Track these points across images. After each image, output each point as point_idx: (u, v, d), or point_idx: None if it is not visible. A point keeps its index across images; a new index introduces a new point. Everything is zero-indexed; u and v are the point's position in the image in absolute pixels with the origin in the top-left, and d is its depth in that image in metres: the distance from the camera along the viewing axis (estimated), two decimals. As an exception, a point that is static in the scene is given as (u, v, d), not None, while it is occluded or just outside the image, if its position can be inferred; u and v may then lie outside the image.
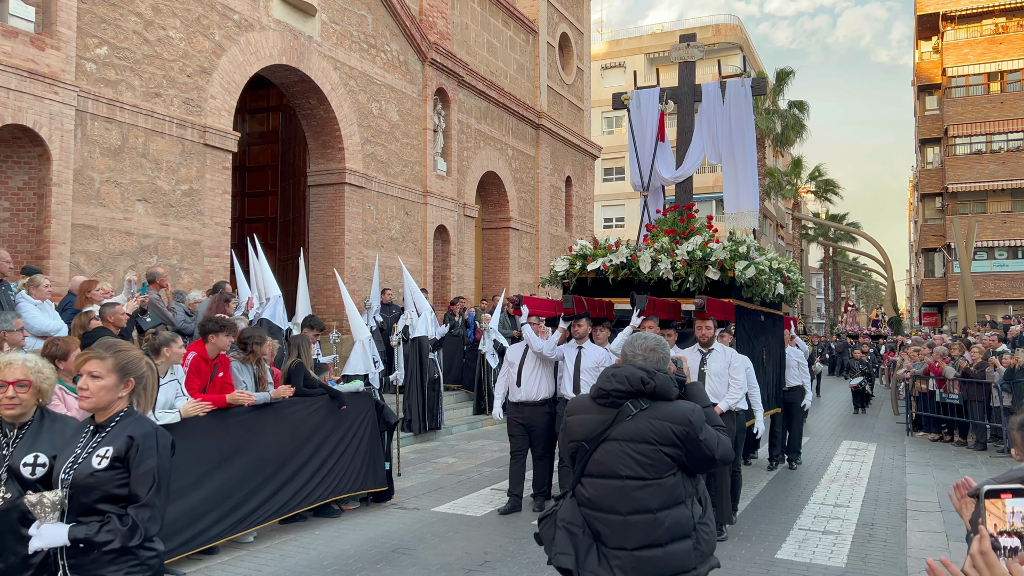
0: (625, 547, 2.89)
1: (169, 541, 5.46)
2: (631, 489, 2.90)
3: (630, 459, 2.91)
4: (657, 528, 2.87)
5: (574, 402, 3.23)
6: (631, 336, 3.24)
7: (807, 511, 7.75)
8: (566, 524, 3.00)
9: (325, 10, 14.69)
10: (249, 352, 6.62)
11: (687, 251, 8.17)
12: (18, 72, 9.38)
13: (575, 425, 3.08)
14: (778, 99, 36.37)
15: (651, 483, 2.89)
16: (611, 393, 3.01)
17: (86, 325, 6.64)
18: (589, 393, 3.15)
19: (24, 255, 9.68)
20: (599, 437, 2.98)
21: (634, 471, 2.90)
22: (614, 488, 2.92)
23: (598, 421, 3.01)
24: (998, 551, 1.51)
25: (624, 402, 2.99)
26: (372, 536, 6.63)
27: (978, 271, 33.59)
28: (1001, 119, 36.42)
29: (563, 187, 25.02)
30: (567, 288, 8.95)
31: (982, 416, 11.87)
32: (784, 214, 55.11)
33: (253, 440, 6.27)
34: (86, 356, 2.78)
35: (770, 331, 9.73)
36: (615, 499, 2.91)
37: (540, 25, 23.23)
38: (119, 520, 2.60)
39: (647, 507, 2.88)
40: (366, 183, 15.79)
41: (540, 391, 7.51)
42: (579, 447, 3.02)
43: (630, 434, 2.93)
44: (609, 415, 2.99)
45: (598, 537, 2.95)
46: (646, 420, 2.93)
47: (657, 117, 10.58)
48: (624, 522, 2.90)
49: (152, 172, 11.38)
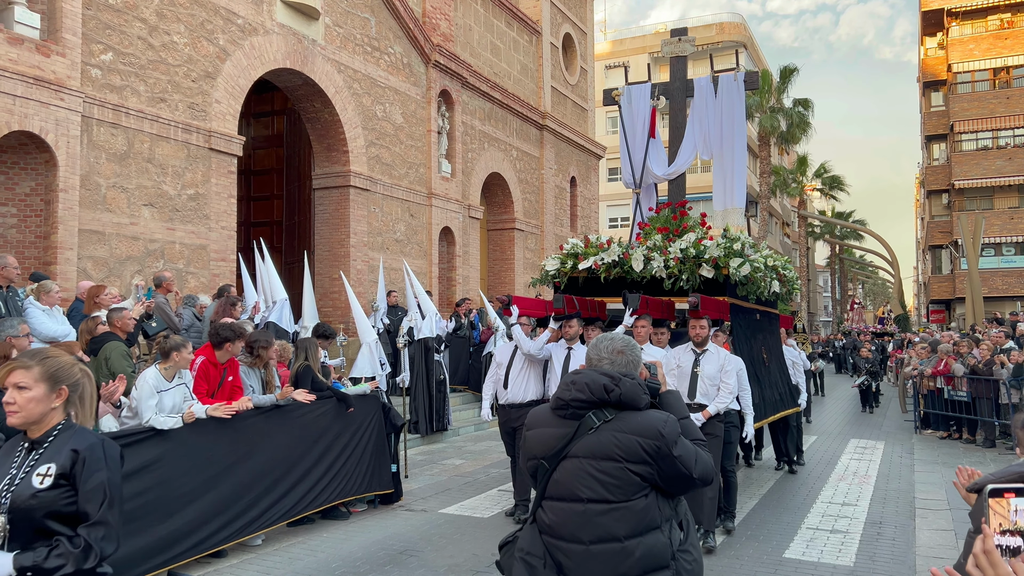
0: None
1: (177, 544, 5.50)
2: (594, 514, 2.49)
3: (592, 479, 2.50)
4: (626, 559, 2.46)
5: (533, 414, 2.80)
6: (596, 337, 2.86)
7: (815, 510, 7.74)
8: (524, 555, 2.61)
9: (328, 13, 14.73)
10: (256, 356, 6.65)
11: (680, 249, 7.97)
12: (24, 79, 9.43)
13: (533, 441, 2.68)
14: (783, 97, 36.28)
15: (617, 507, 2.48)
16: (570, 403, 2.61)
17: (93, 330, 6.67)
18: (549, 403, 2.76)
19: (31, 261, 9.73)
20: (559, 454, 2.58)
21: (597, 493, 2.49)
22: (575, 513, 2.51)
23: (557, 436, 2.60)
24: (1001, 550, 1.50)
25: (586, 413, 2.58)
26: (380, 538, 6.65)
27: (986, 267, 33.44)
28: (1007, 115, 36.26)
29: (568, 187, 25.01)
30: (558, 288, 8.71)
31: (991, 413, 11.83)
32: (790, 212, 54.98)
33: (261, 443, 6.30)
34: (9, 367, 2.52)
35: (767, 330, 9.58)
36: (576, 526, 2.51)
37: (543, 26, 23.24)
38: (70, 542, 2.37)
39: (613, 535, 2.47)
40: (371, 186, 15.82)
41: (527, 393, 7.31)
42: (538, 465, 2.63)
43: (592, 450, 2.52)
44: (570, 428, 2.59)
45: (560, 570, 2.54)
46: (610, 434, 2.52)
47: (649, 113, 10.38)
48: (587, 552, 2.49)
49: (158, 177, 11.43)
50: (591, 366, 2.74)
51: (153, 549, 5.32)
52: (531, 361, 7.33)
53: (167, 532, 5.42)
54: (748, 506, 7.88)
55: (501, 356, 7.53)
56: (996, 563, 1.48)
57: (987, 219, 33.62)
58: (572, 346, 7.27)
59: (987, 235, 33.84)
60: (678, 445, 2.53)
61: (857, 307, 40.54)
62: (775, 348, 9.75)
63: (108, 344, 6.41)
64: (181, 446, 5.56)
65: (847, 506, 7.92)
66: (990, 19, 37.92)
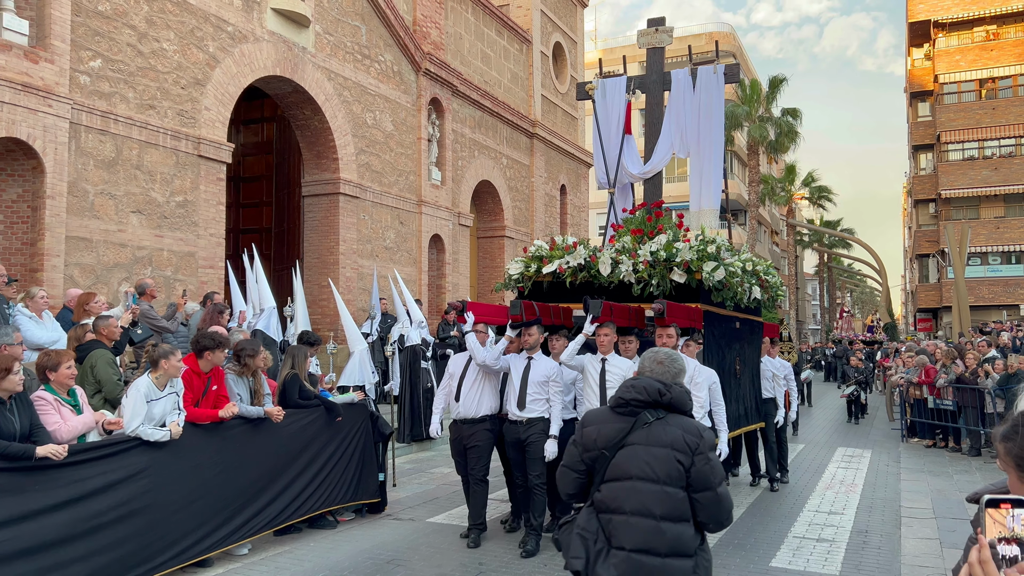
0: (624, 547, 2.95)
1: (162, 553, 5.47)
2: (639, 490, 2.97)
3: (643, 461, 3.00)
4: (658, 536, 2.92)
5: (589, 414, 3.31)
6: (647, 351, 3.35)
7: (801, 519, 7.76)
8: (580, 530, 3.10)
9: (319, 21, 14.75)
10: (244, 364, 6.62)
11: (650, 251, 7.34)
12: (12, 85, 9.40)
13: (593, 435, 3.14)
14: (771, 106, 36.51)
15: (660, 486, 2.96)
16: (630, 402, 3.12)
17: (81, 338, 6.63)
18: (608, 404, 3.27)
19: (18, 268, 9.68)
20: (618, 444, 3.07)
21: (644, 472, 2.98)
22: (624, 488, 3.01)
23: (617, 429, 3.10)
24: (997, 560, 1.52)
25: (642, 411, 3.09)
26: (367, 547, 6.63)
27: (972, 276, 33.69)
28: (993, 125, 36.61)
29: (558, 195, 25.08)
30: (522, 293, 8.08)
31: (976, 422, 11.91)
32: (779, 221, 55.28)
33: (246, 452, 6.27)
34: None
35: (746, 339, 8.98)
36: (623, 499, 2.99)
37: (533, 35, 23.33)
38: None
39: (651, 512, 2.94)
40: (361, 193, 15.82)
41: (481, 407, 6.69)
42: (599, 455, 3.09)
43: (646, 439, 3.04)
44: (627, 423, 3.09)
45: (608, 541, 3.02)
46: (661, 428, 3.05)
47: (624, 108, 9.80)
48: (626, 521, 2.97)
49: (146, 184, 11.39)
50: (643, 373, 3.27)
51: (137, 558, 5.29)
52: (486, 373, 6.74)
53: (151, 540, 5.39)
54: (735, 515, 7.88)
55: (454, 367, 6.96)
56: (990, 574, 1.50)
57: (973, 228, 33.91)
58: (533, 356, 6.67)
59: (973, 244, 34.11)
60: (712, 455, 3.03)
61: (846, 315, 40.73)
62: (751, 359, 9.19)
63: (94, 352, 6.38)
64: (167, 455, 5.54)
65: (834, 515, 7.95)
66: (976, 30, 38.32)
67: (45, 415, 5.07)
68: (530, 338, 6.65)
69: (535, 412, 6.53)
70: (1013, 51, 37.01)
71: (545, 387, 6.54)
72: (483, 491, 6.79)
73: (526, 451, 6.53)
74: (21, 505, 4.64)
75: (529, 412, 6.54)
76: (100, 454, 5.14)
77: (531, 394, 6.53)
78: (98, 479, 5.08)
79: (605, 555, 2.99)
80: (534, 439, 6.47)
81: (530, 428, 6.52)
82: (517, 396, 6.57)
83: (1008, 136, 36.62)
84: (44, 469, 4.77)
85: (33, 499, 4.70)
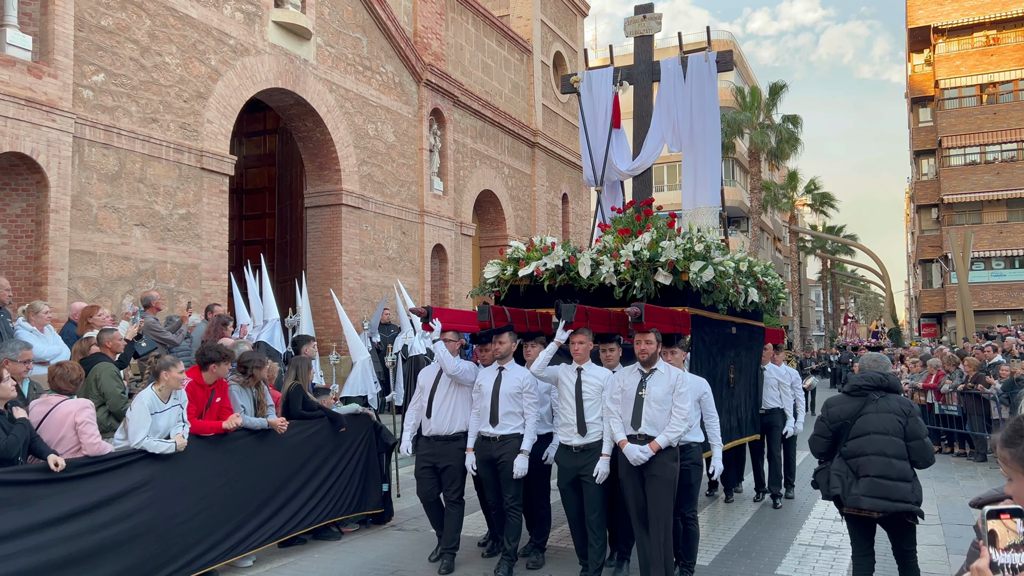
0: (869, 475, 4.57)
1: (166, 565, 5.47)
2: (875, 439, 4.60)
3: (876, 422, 4.62)
4: (890, 468, 4.54)
5: (831, 399, 4.90)
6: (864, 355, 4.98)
7: (807, 526, 7.74)
8: (835, 471, 4.72)
9: (320, 33, 14.82)
10: (249, 376, 6.62)
11: (633, 251, 6.69)
12: (15, 100, 9.46)
13: (838, 412, 4.77)
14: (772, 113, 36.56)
15: (889, 437, 4.58)
16: (862, 388, 4.74)
17: (86, 351, 6.65)
18: (843, 389, 4.89)
19: (22, 282, 9.71)
20: (856, 415, 4.70)
21: (878, 428, 4.61)
22: (865, 440, 4.63)
23: (855, 406, 4.73)
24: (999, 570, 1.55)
25: (870, 392, 4.72)
26: (371, 559, 6.62)
27: (976, 281, 33.65)
28: (994, 130, 36.63)
29: (559, 204, 25.12)
30: (498, 298, 7.41)
31: (982, 428, 11.87)
32: (781, 227, 55.26)
33: (250, 463, 6.27)
34: None
35: (744, 345, 8.28)
36: (865, 446, 4.62)
37: (534, 45, 23.42)
38: None
39: (884, 452, 4.56)
40: (363, 204, 15.86)
41: (454, 423, 6.19)
42: (843, 424, 4.72)
43: (876, 409, 4.67)
44: (860, 402, 4.72)
45: (856, 476, 4.61)
46: (885, 401, 4.69)
47: (611, 100, 9.16)
48: (868, 460, 4.58)
49: (149, 197, 11.44)
50: (863, 370, 4.91)
51: (141, 570, 5.29)
52: (459, 385, 6.22)
53: (156, 553, 5.39)
54: (740, 523, 7.87)
55: (424, 379, 6.42)
56: None
57: (976, 233, 33.87)
58: (504, 366, 6.09)
59: (976, 249, 34.07)
60: (919, 419, 4.72)
61: (851, 321, 40.67)
62: (749, 367, 8.48)
63: (98, 365, 6.40)
64: (171, 467, 5.54)
65: (839, 522, 7.89)
66: (976, 36, 38.38)
67: (91, 425, 5.11)
68: (501, 347, 6.10)
69: (509, 428, 5.96)
70: (1013, 56, 37.06)
71: (519, 399, 5.99)
72: (458, 513, 6.26)
73: (499, 471, 5.99)
74: (26, 517, 4.64)
75: (502, 428, 5.96)
76: (104, 467, 5.14)
77: (503, 408, 5.98)
78: (102, 491, 5.09)
79: (855, 482, 4.60)
80: (508, 458, 5.91)
81: (504, 446, 5.94)
82: (489, 411, 6.01)
83: (1010, 140, 36.63)
84: (49, 482, 4.77)
85: (37, 511, 4.71)
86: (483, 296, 7.85)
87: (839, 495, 4.65)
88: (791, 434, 8.95)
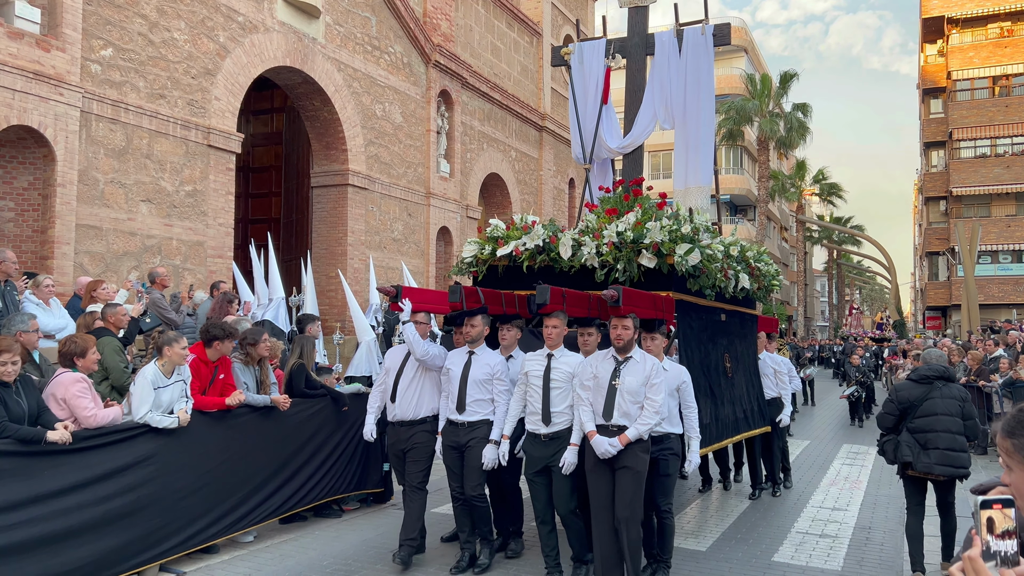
0: (939, 447, 5.54)
1: (169, 539, 5.53)
2: (942, 419, 5.59)
3: (942, 405, 5.62)
4: (955, 442, 5.56)
5: (899, 384, 6.03)
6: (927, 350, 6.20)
7: (805, 514, 7.77)
8: (905, 442, 5.64)
9: (329, 12, 14.76)
10: (246, 353, 6.64)
11: (616, 232, 6.33)
12: (24, 73, 9.45)
13: (906, 395, 5.73)
14: (781, 101, 36.35)
15: (952, 417, 5.59)
16: (928, 376, 5.72)
17: (90, 325, 6.68)
18: (910, 377, 5.92)
19: (29, 255, 9.75)
20: (923, 399, 5.67)
21: (944, 410, 5.61)
22: (933, 419, 5.60)
23: (922, 391, 5.70)
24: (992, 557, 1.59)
25: (934, 381, 5.71)
26: (371, 537, 6.67)
27: (982, 275, 33.51)
28: (1006, 123, 36.35)
29: (566, 189, 25.06)
30: (476, 279, 7.04)
31: (983, 421, 11.87)
32: (788, 217, 55.09)
33: (253, 440, 6.32)
34: None
35: (737, 333, 7.95)
36: (934, 424, 5.59)
37: (544, 27, 23.28)
38: None
39: (950, 429, 5.57)
40: (369, 184, 15.85)
41: (420, 408, 5.88)
42: (910, 405, 5.69)
43: (940, 394, 5.67)
44: (926, 388, 5.70)
45: (924, 448, 5.59)
46: (947, 388, 5.71)
47: (602, 74, 8.74)
48: (937, 436, 5.56)
49: (156, 173, 11.45)
50: (927, 363, 5.87)
51: (145, 543, 5.35)
52: (427, 369, 5.90)
53: (159, 526, 5.45)
54: (738, 510, 7.91)
55: (390, 361, 6.09)
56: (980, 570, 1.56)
57: (984, 227, 33.70)
58: (475, 351, 5.77)
59: (984, 243, 33.92)
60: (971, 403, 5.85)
61: (856, 312, 40.60)
62: (746, 356, 8.17)
63: (101, 339, 6.42)
64: (175, 442, 5.59)
65: (837, 511, 7.95)
66: (990, 27, 38.00)
67: (82, 398, 5.11)
68: (472, 330, 5.76)
69: (478, 415, 5.66)
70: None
71: (488, 386, 5.68)
72: (420, 501, 5.88)
73: (464, 457, 5.67)
74: (30, 489, 4.69)
75: (470, 415, 5.66)
76: (108, 440, 5.19)
77: (472, 395, 5.66)
78: (106, 464, 5.13)
79: (922, 452, 5.56)
80: (474, 444, 5.61)
81: (472, 431, 5.65)
82: (456, 397, 5.71)
83: (1021, 134, 36.34)
84: (53, 454, 4.82)
85: (42, 483, 4.75)
86: (460, 276, 7.47)
87: (910, 462, 5.61)
88: (786, 422, 8.72)
